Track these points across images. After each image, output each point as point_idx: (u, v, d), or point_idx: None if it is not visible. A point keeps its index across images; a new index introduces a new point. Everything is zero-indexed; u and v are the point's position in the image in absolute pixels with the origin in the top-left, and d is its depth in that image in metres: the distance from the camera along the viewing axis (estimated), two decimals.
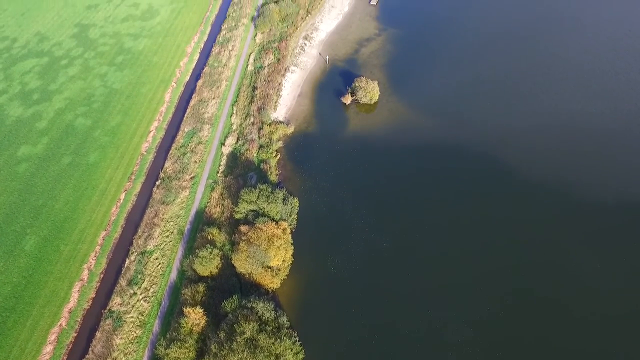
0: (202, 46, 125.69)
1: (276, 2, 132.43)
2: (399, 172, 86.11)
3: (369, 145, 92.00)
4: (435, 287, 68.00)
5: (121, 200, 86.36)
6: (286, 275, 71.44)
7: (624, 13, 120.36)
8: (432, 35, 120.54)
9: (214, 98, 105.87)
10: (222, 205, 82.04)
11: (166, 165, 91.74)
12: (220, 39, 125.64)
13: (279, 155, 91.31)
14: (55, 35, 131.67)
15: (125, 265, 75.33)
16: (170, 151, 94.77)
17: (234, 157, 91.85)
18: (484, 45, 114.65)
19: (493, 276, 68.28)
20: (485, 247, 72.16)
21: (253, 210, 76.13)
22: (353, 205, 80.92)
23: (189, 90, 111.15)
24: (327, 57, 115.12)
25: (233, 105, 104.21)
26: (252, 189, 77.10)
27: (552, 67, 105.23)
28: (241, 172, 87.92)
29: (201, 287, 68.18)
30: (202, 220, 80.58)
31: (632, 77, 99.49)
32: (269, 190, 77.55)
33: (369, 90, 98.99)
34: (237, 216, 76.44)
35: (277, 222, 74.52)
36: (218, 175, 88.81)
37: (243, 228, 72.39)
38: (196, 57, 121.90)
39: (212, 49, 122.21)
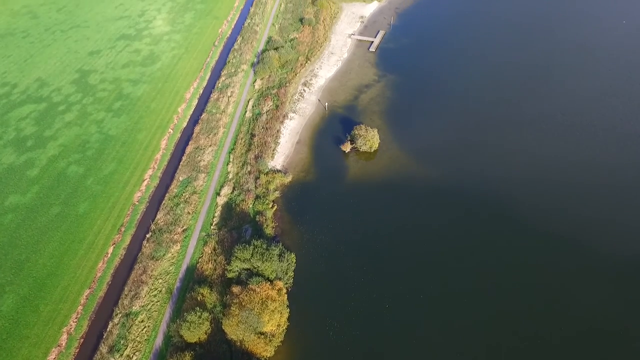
0: (201, 92, 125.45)
1: (276, 49, 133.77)
2: (400, 223, 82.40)
3: (369, 196, 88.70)
4: (441, 355, 62.40)
5: (109, 255, 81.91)
6: (281, 341, 65.88)
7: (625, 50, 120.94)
8: (432, 81, 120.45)
9: (210, 145, 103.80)
10: (215, 261, 77.52)
11: (158, 216, 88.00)
12: (219, 84, 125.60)
13: (275, 207, 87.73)
14: (55, 81, 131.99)
15: (108, 329, 69.79)
16: (163, 201, 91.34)
17: (229, 208, 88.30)
18: (485, 90, 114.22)
19: (502, 345, 62.87)
20: (493, 308, 67.14)
21: (247, 269, 71.60)
22: (353, 261, 76.50)
23: (186, 137, 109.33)
24: (327, 103, 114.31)
25: (230, 153, 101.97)
26: (246, 245, 72.94)
27: (555, 116, 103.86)
28: (236, 225, 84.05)
29: (188, 357, 62.48)
30: (192, 278, 75.81)
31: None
32: (264, 246, 73.37)
33: (369, 139, 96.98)
34: (230, 275, 71.78)
35: (272, 282, 69.88)
36: (212, 227, 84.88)
37: (235, 289, 67.65)
38: (195, 103, 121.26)
39: (211, 95, 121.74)
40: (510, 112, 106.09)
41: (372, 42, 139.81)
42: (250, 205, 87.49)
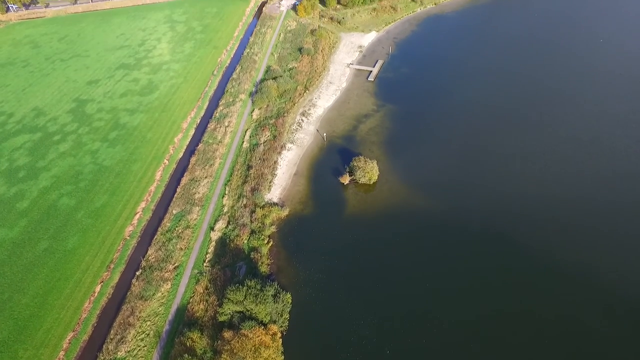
0: (198, 122, 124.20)
1: (274, 78, 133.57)
2: (400, 261, 78.98)
3: (368, 231, 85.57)
4: None
5: (96, 294, 78.07)
6: None
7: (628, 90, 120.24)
8: (431, 111, 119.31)
9: (206, 177, 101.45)
10: (207, 301, 73.66)
11: (149, 252, 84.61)
12: (217, 114, 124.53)
13: (271, 242, 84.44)
14: (52, 111, 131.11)
15: None
16: (156, 236, 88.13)
17: (223, 243, 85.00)
18: (485, 120, 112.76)
19: None
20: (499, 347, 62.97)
21: (239, 312, 67.74)
22: (351, 302, 72.61)
23: (182, 168, 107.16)
24: (325, 134, 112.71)
25: (226, 185, 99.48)
26: (239, 286, 69.32)
27: (558, 148, 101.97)
28: (230, 262, 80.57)
29: None
30: (182, 320, 71.78)
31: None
32: (258, 287, 69.73)
33: (368, 170, 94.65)
34: (221, 318, 67.85)
35: (266, 326, 65.92)
36: (204, 264, 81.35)
37: (227, 334, 63.64)
38: (191, 132, 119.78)
39: (208, 125, 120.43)
40: (511, 143, 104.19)
41: (371, 71, 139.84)
42: (245, 241, 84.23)
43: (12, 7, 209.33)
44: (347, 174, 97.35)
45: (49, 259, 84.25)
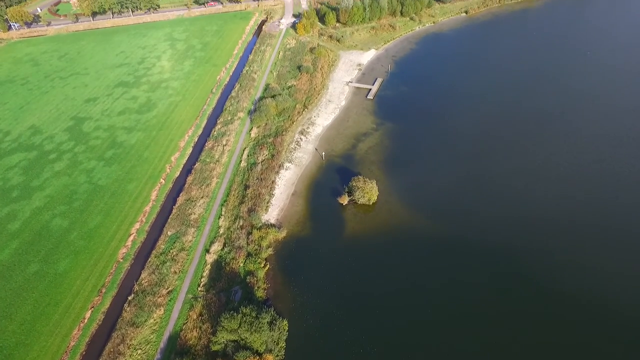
0: (196, 140, 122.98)
1: (273, 96, 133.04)
2: (401, 285, 76.74)
3: (367, 254, 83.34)
4: None
5: (85, 320, 75.35)
6: None
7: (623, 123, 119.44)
8: (431, 130, 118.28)
9: (202, 197, 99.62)
10: (200, 328, 70.94)
11: (142, 275, 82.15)
12: (215, 132, 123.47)
13: (268, 266, 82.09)
14: (49, 129, 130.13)
15: None
16: (149, 259, 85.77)
17: (218, 267, 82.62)
18: (485, 139, 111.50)
19: None
20: None
21: (234, 341, 65.04)
22: (351, 329, 69.93)
23: (178, 188, 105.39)
24: (323, 153, 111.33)
25: (222, 205, 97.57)
26: (234, 313, 66.80)
27: (560, 166, 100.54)
28: (225, 286, 78.07)
29: None
30: (174, 349, 68.97)
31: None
32: (254, 314, 67.18)
33: (367, 191, 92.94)
34: (215, 348, 65.14)
35: (261, 356, 63.19)
36: (199, 289, 78.81)
37: None
38: (189, 151, 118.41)
39: (206, 144, 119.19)
40: (512, 164, 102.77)
41: (370, 89, 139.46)
42: (241, 264, 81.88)
43: (14, 25, 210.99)
44: (346, 194, 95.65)
45: (39, 283, 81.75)
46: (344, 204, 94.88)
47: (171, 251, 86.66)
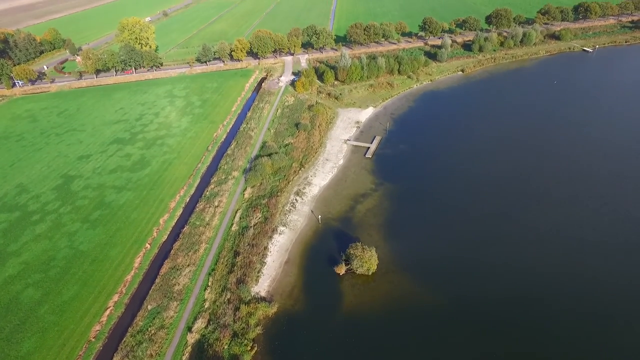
0: (187, 200, 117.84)
1: (269, 155, 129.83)
2: None
3: (367, 332, 74.98)
4: None
5: None
6: None
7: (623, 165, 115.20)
8: (432, 190, 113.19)
9: (189, 265, 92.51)
10: None
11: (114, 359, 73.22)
12: (207, 193, 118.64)
13: (255, 348, 73.26)
14: (36, 187, 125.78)
15: None
16: (125, 338, 77.08)
17: (200, 349, 73.80)
18: (489, 200, 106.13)
19: None
20: None
21: None
22: None
23: (164, 254, 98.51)
24: (320, 216, 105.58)
25: (209, 274, 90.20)
26: None
27: (561, 232, 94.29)
28: None
29: None
30: None
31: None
32: None
33: (366, 260, 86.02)
34: None
35: None
36: None
37: None
38: (179, 212, 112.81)
39: (197, 205, 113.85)
40: (518, 227, 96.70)
41: (369, 147, 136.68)
42: (226, 347, 73.12)
43: (17, 82, 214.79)
44: (343, 262, 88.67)
45: None
46: (340, 274, 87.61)
47: (150, 329, 78.15)
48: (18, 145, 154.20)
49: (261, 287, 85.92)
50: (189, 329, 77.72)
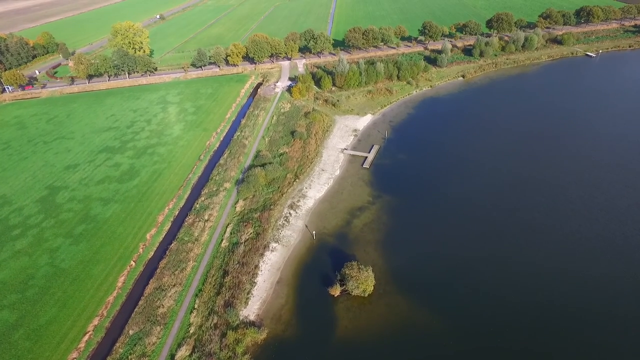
0: (176, 214, 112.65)
1: (263, 165, 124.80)
2: None
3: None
4: None
5: None
6: None
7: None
8: (431, 203, 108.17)
9: (174, 285, 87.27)
10: None
11: None
12: (197, 205, 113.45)
13: None
14: (19, 200, 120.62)
15: None
16: None
17: None
18: (492, 213, 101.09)
19: None
20: None
21: None
22: None
23: (149, 272, 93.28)
24: (314, 231, 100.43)
25: (196, 295, 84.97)
26: None
27: (567, 245, 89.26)
28: None
29: None
30: None
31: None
32: None
33: (362, 281, 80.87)
34: None
35: None
36: None
37: None
38: (167, 227, 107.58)
39: (186, 219, 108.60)
40: (522, 245, 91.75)
41: (366, 157, 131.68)
42: None
43: (7, 88, 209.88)
44: (338, 283, 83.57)
45: None
46: (335, 296, 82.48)
47: (130, 357, 72.87)
48: (4, 154, 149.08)
49: (250, 310, 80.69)
50: (172, 358, 72.42)
